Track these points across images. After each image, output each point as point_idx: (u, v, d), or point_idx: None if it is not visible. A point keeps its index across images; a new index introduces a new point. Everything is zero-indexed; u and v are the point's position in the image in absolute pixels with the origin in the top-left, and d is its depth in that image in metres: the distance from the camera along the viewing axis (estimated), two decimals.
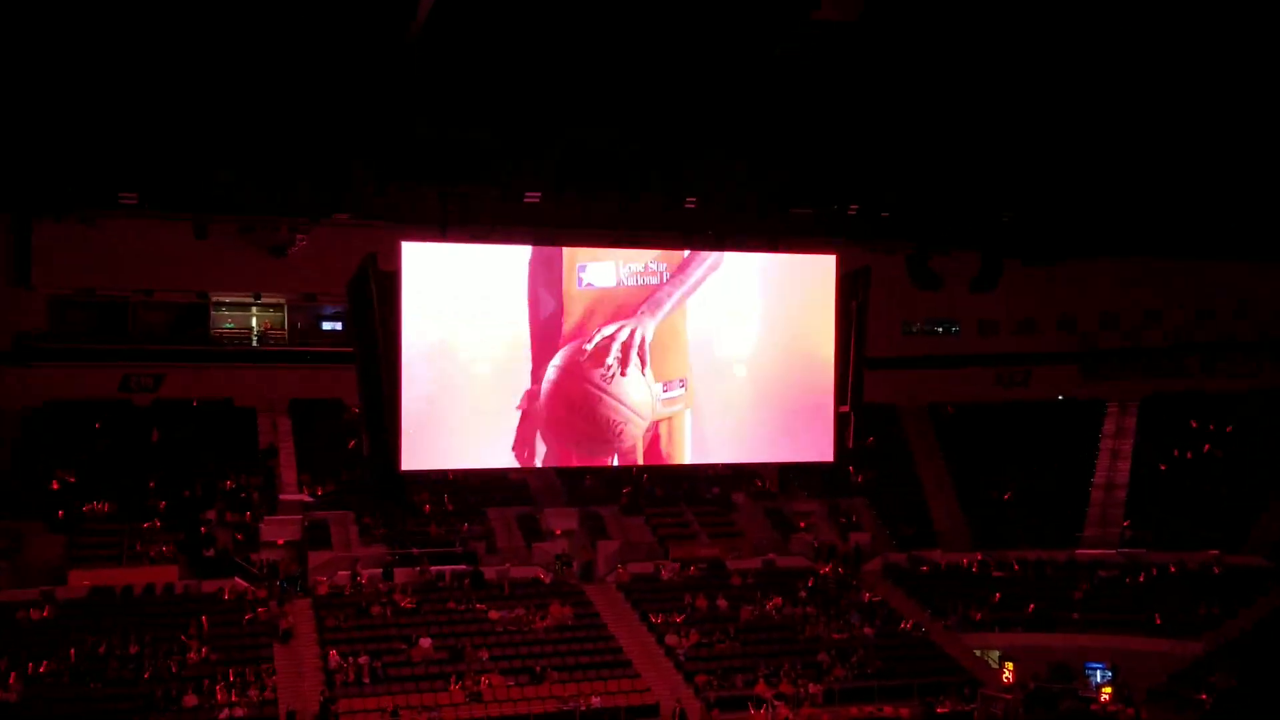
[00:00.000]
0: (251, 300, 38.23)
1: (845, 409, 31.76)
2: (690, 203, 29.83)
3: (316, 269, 34.93)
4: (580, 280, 28.35)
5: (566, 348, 28.20)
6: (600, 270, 28.75)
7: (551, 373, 28.09)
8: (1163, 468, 43.03)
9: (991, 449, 44.21)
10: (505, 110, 23.79)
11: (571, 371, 28.16)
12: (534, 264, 27.86)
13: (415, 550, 36.08)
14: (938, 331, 45.02)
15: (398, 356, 26.95)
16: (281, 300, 38.59)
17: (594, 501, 39.73)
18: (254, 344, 38.56)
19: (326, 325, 39.32)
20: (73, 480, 35.44)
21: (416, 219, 29.28)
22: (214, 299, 37.95)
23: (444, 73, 21.52)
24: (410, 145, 25.54)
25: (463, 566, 35.82)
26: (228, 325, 38.61)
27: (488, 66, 21.33)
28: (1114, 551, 40.55)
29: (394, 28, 19.56)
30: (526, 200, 28.76)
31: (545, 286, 28.04)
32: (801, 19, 19.10)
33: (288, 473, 37.92)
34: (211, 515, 35.72)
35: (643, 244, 29.13)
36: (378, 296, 26.52)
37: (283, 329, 38.96)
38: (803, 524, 40.90)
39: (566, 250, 27.89)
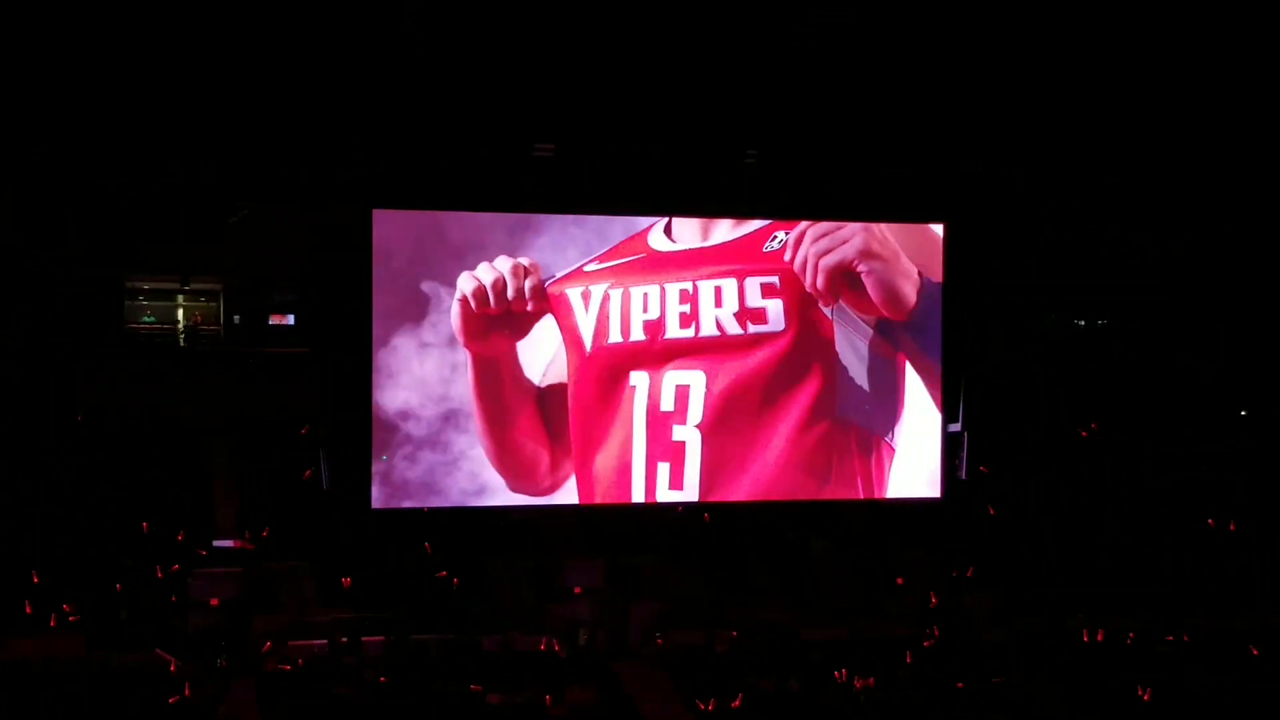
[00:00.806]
0: (178, 286, 38.53)
1: (956, 428, 31.80)
2: (751, 156, 29.99)
3: (262, 246, 35.23)
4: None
5: None
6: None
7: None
8: None
9: (1155, 481, 43.86)
10: (513, 35, 24.14)
11: None
12: None
13: (391, 614, 36.34)
14: (1080, 326, 44.79)
15: (369, 360, 27.26)
16: (217, 286, 38.88)
17: (626, 550, 39.84)
18: (181, 343, 38.86)
19: (275, 319, 39.59)
20: None
21: (393, 181, 29.56)
22: (129, 284, 38.28)
23: None
24: (387, 82, 25.89)
25: (453, 635, 36.04)
26: (147, 319, 38.90)
27: None
28: None
29: None
30: (537, 154, 28.99)
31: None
32: None
33: (225, 512, 38.18)
34: (128, 567, 36.05)
35: (688, 211, 29.34)
36: (342, 281, 26.81)
37: (218, 324, 39.23)
38: (902, 580, 40.85)
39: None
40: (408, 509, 32.44)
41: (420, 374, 28.86)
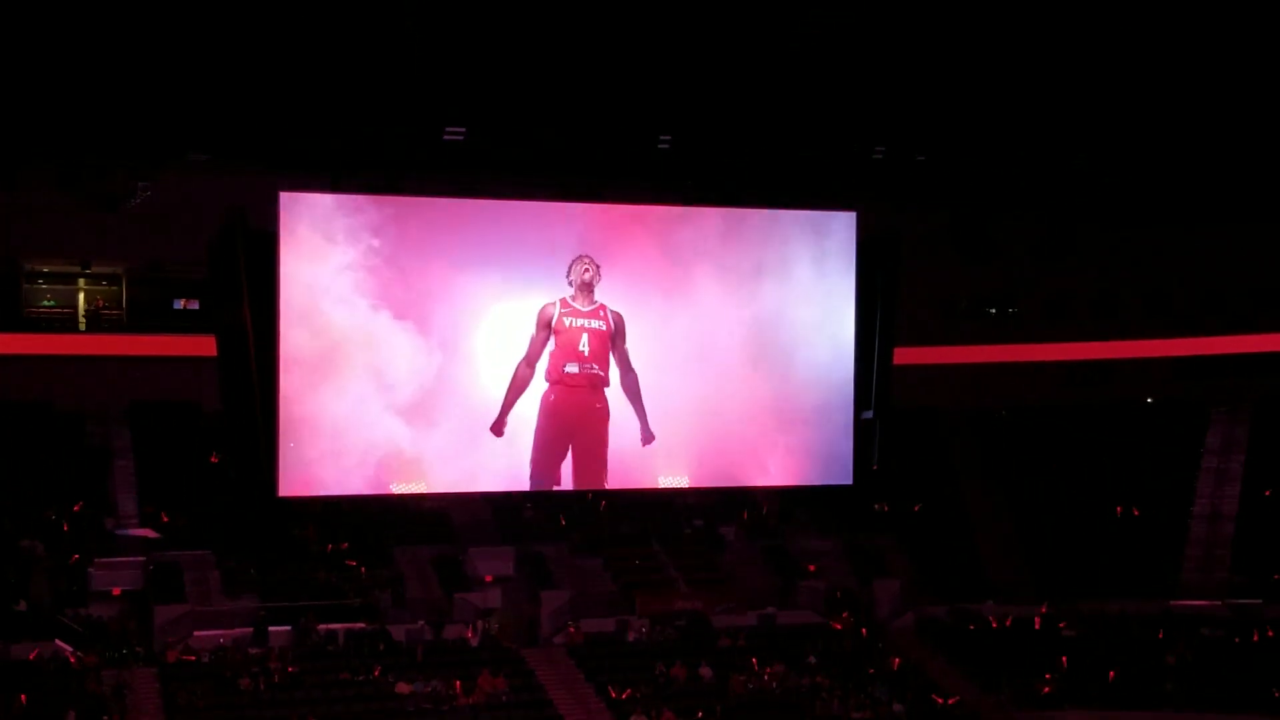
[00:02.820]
0: (78, 270, 38.11)
1: (868, 415, 32.11)
2: (664, 142, 30.06)
3: (164, 228, 34.85)
4: None
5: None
6: None
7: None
8: None
9: (1061, 468, 44.71)
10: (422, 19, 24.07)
11: None
12: None
13: (297, 603, 36.19)
14: (990, 314, 45.40)
15: (275, 344, 27.05)
16: (118, 270, 38.49)
17: (536, 538, 39.85)
18: (81, 328, 38.47)
19: (179, 303, 39.28)
20: None
21: (300, 161, 29.34)
22: (27, 267, 37.84)
23: None
24: (289, 63, 25.71)
25: (361, 625, 35.94)
26: (46, 303, 38.48)
27: None
28: (1220, 603, 41.06)
29: None
30: (446, 138, 28.90)
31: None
32: None
33: (125, 499, 37.82)
34: (26, 552, 35.65)
35: (600, 197, 29.38)
36: (247, 264, 26.61)
37: (119, 308, 38.87)
38: (812, 567, 41.19)
39: None
40: (315, 496, 32.19)
41: (329, 362, 28.62)
